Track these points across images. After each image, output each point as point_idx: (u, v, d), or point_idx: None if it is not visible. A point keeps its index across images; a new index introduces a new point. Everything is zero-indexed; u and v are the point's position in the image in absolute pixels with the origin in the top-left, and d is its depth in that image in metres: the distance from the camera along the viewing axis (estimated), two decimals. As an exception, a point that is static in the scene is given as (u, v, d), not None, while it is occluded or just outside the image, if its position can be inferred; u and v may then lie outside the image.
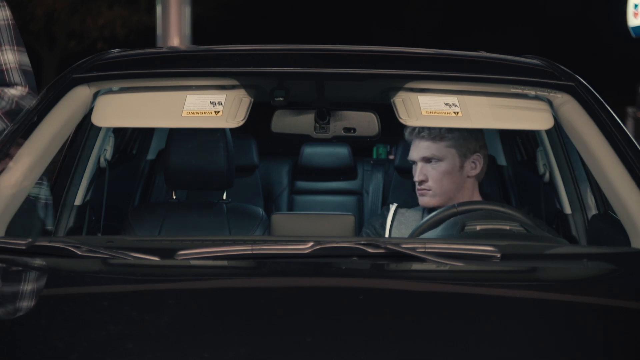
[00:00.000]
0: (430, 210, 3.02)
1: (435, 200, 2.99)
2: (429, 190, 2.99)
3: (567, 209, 3.18)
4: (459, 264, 2.05)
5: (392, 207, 3.12)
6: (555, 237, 2.93)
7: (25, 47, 3.08)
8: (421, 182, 3.00)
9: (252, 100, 2.49)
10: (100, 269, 2.07)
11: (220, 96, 2.48)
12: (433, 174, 2.99)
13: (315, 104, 2.77)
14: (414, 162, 3.04)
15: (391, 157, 5.05)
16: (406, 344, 1.66)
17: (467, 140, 2.99)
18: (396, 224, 3.06)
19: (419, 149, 3.01)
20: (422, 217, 3.01)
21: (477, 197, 3.05)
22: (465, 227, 2.49)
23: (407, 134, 3.02)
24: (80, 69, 2.57)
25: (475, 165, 3.01)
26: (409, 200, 3.19)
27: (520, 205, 3.60)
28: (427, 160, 2.99)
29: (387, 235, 3.05)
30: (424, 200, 3.01)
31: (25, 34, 19.22)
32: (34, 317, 1.77)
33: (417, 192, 3.03)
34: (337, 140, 2.84)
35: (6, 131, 2.50)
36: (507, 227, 2.48)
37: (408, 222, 3.04)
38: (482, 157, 3.03)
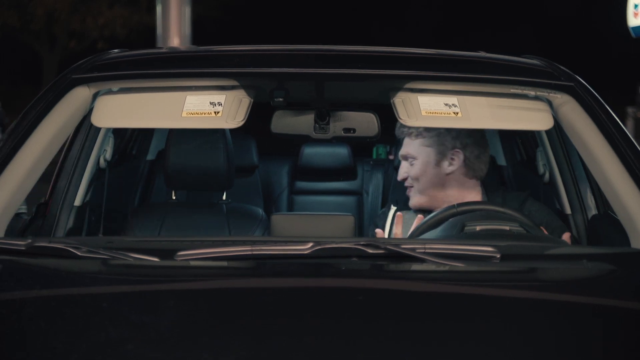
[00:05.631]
0: (424, 212, 3.02)
1: (419, 199, 3.01)
2: (411, 187, 3.02)
3: (567, 209, 3.18)
4: (458, 265, 2.05)
5: (392, 210, 3.11)
6: (559, 226, 2.93)
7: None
8: (403, 181, 3.05)
9: (252, 100, 2.49)
10: (100, 269, 2.07)
11: (219, 97, 2.48)
12: (411, 172, 3.03)
13: (315, 104, 2.77)
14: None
15: (391, 157, 5.04)
16: (406, 345, 1.66)
17: (444, 137, 2.98)
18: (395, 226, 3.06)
19: (401, 148, 3.06)
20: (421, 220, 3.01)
21: (477, 197, 3.04)
22: (465, 228, 2.49)
23: (396, 131, 3.06)
24: (79, 70, 2.57)
25: (452, 162, 2.98)
26: (408, 200, 3.19)
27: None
28: (405, 158, 3.03)
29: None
30: (411, 202, 3.04)
31: (26, 34, 19.25)
32: (33, 318, 1.76)
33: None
34: (336, 140, 2.84)
35: (6, 131, 2.50)
36: (507, 228, 2.48)
37: (407, 225, 3.03)
38: (463, 153, 2.97)
